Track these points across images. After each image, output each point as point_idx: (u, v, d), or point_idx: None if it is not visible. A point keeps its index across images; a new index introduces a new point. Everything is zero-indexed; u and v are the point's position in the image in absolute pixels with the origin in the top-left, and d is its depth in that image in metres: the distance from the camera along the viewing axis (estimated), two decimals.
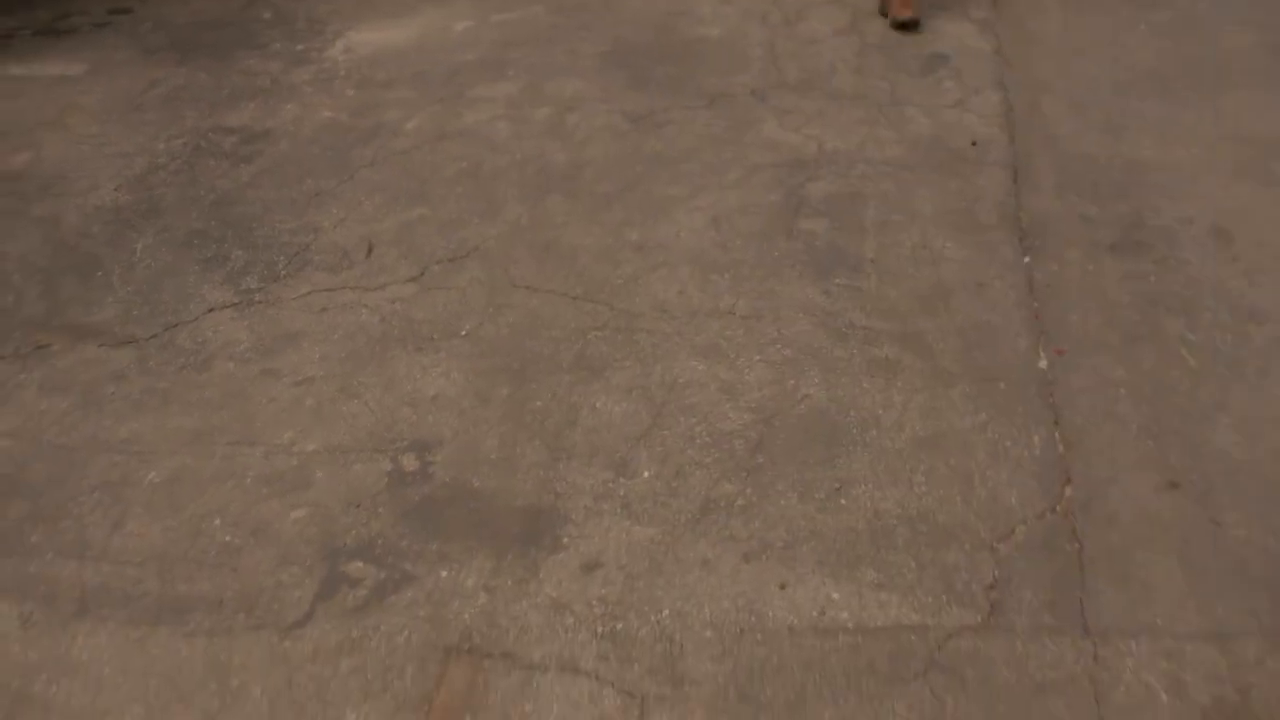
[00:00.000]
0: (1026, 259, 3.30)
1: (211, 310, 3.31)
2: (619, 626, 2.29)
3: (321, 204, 3.78)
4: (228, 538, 2.55)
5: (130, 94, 4.65)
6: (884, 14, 4.80)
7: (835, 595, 2.32)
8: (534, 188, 3.81)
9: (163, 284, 3.44)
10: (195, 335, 3.21)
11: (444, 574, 2.42)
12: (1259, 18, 4.67)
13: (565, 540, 2.49)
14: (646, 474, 2.65)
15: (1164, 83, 4.24)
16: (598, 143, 4.07)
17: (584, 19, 5.06)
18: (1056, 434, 2.68)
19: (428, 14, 5.21)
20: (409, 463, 2.72)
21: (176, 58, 4.94)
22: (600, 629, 2.29)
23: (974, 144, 3.86)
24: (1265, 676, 2.11)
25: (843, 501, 2.54)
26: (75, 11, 5.50)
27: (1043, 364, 2.90)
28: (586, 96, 4.40)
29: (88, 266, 3.55)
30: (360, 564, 2.46)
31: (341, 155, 4.08)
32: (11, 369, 3.12)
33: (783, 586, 2.35)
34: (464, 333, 3.15)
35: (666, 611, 2.31)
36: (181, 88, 4.66)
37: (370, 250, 3.54)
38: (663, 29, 4.90)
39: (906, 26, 4.64)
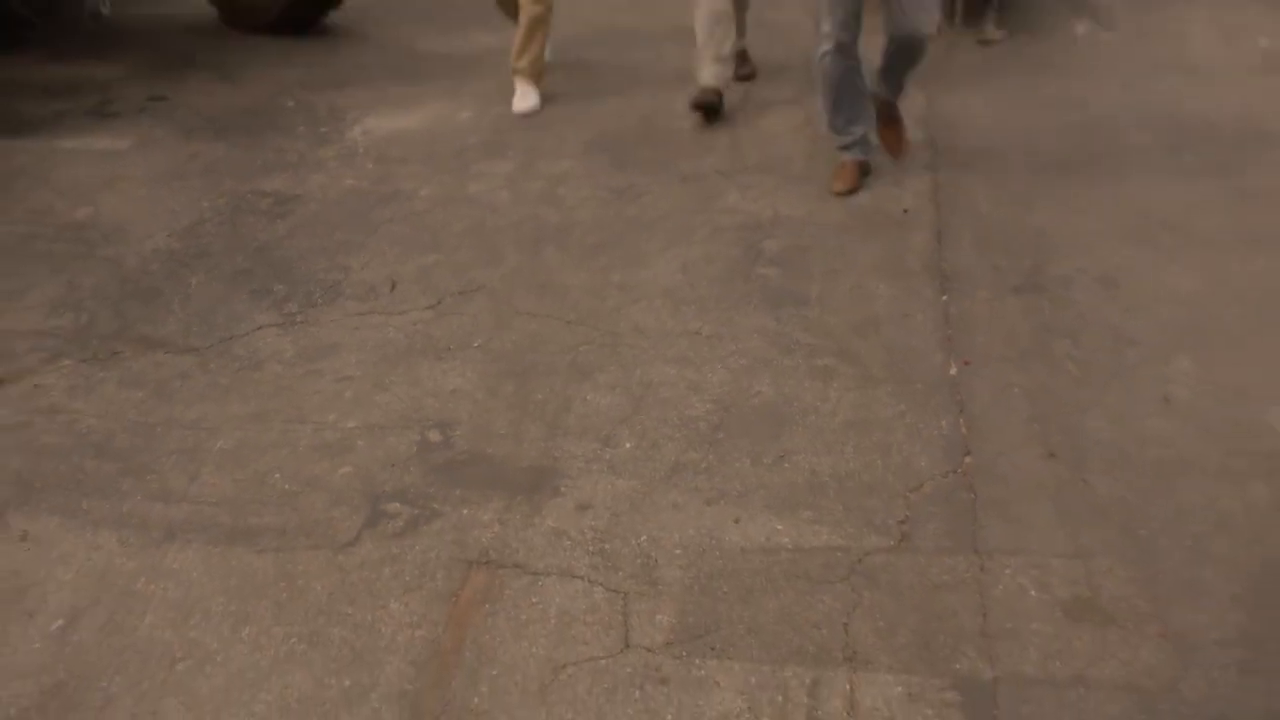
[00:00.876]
0: (944, 297, 3.96)
1: (260, 328, 3.93)
2: (606, 546, 2.88)
3: (349, 251, 4.42)
4: (287, 486, 3.13)
5: (173, 165, 5.31)
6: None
7: (779, 527, 2.92)
8: (530, 241, 4.47)
9: (216, 309, 4.05)
10: (247, 346, 3.82)
11: (465, 511, 3.01)
12: (1156, 123, 5.42)
13: (562, 489, 3.09)
14: (628, 445, 3.25)
15: (1071, 168, 4.96)
16: (584, 208, 4.74)
17: (572, 112, 5.77)
18: (960, 420, 3.31)
19: (435, 105, 5.92)
20: (434, 436, 3.32)
21: (212, 137, 5.61)
22: (591, 548, 2.87)
23: (905, 211, 4.55)
24: (1113, 580, 2.71)
25: (786, 465, 3.15)
26: (117, 98, 6.19)
27: (952, 371, 3.54)
28: (575, 173, 5.09)
29: (150, 295, 4.16)
30: (397, 505, 3.05)
31: (364, 214, 4.74)
32: (92, 369, 3.72)
33: (737, 521, 2.95)
34: (475, 345, 3.77)
35: (644, 537, 2.90)
36: (219, 160, 5.33)
37: (393, 286, 4.17)
38: (642, 121, 5.62)
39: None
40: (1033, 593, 2.69)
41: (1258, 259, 4.16)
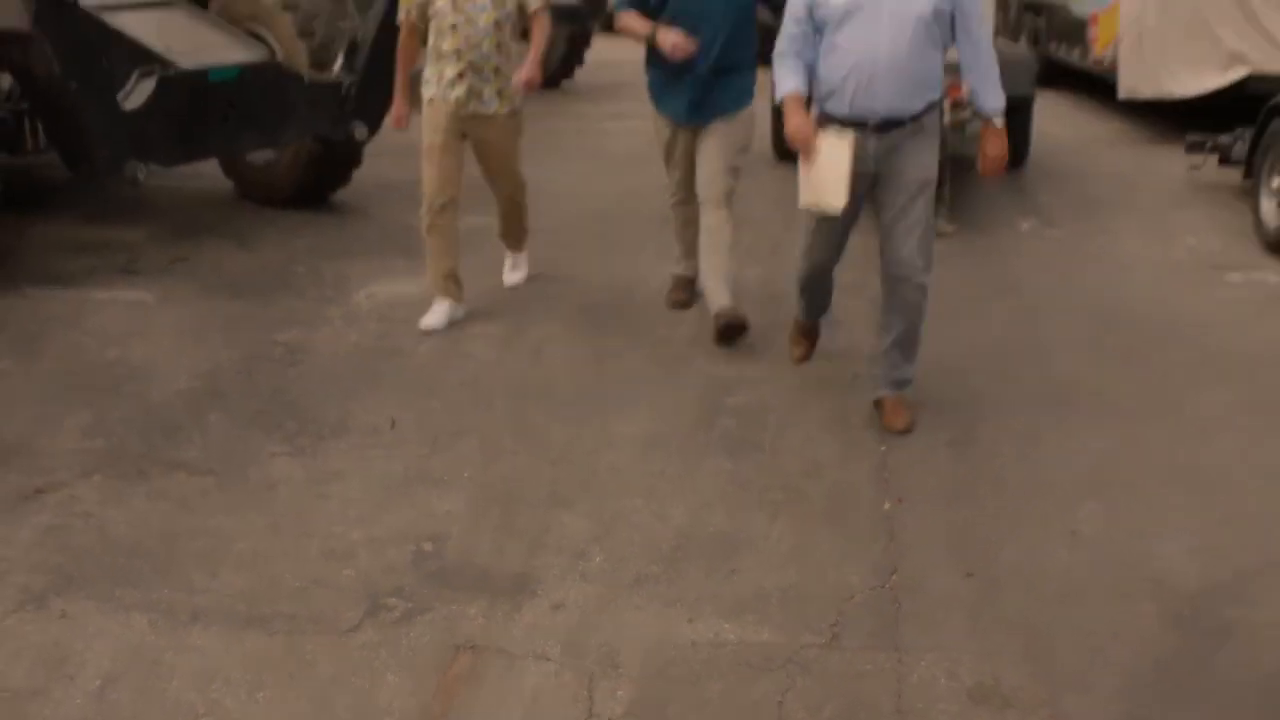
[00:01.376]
0: (883, 448, 4.47)
1: (273, 455, 4.40)
2: (576, 638, 3.30)
3: (354, 396, 4.92)
4: (296, 584, 3.56)
5: (194, 317, 5.85)
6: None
7: (726, 626, 3.36)
8: (518, 393, 4.99)
9: (233, 439, 4.53)
10: (262, 470, 4.29)
11: (453, 607, 3.44)
12: (1085, 309, 6.03)
13: (539, 592, 3.53)
14: (598, 560, 3.71)
15: (1006, 345, 5.55)
16: (567, 367, 5.28)
17: (560, 287, 6.36)
18: (890, 546, 3.78)
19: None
20: (427, 547, 3.77)
21: (230, 295, 6.17)
22: (562, 639, 3.30)
23: (855, 376, 5.09)
24: (1014, 674, 3.15)
25: (735, 579, 3.60)
26: (142, 258, 6.77)
27: (886, 507, 4.03)
28: (560, 337, 5.64)
29: (173, 427, 4.64)
30: (394, 600, 3.48)
31: (368, 366, 5.26)
32: (122, 484, 4.17)
33: (690, 621, 3.39)
34: (465, 476, 4.25)
35: (609, 632, 3.33)
36: (236, 315, 5.87)
37: (393, 424, 4.66)
38: (622, 294, 6.20)
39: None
40: (942, 681, 3.12)
41: (1163, 424, 4.70)
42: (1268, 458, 4.43)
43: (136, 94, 6.00)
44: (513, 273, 6.31)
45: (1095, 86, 11.92)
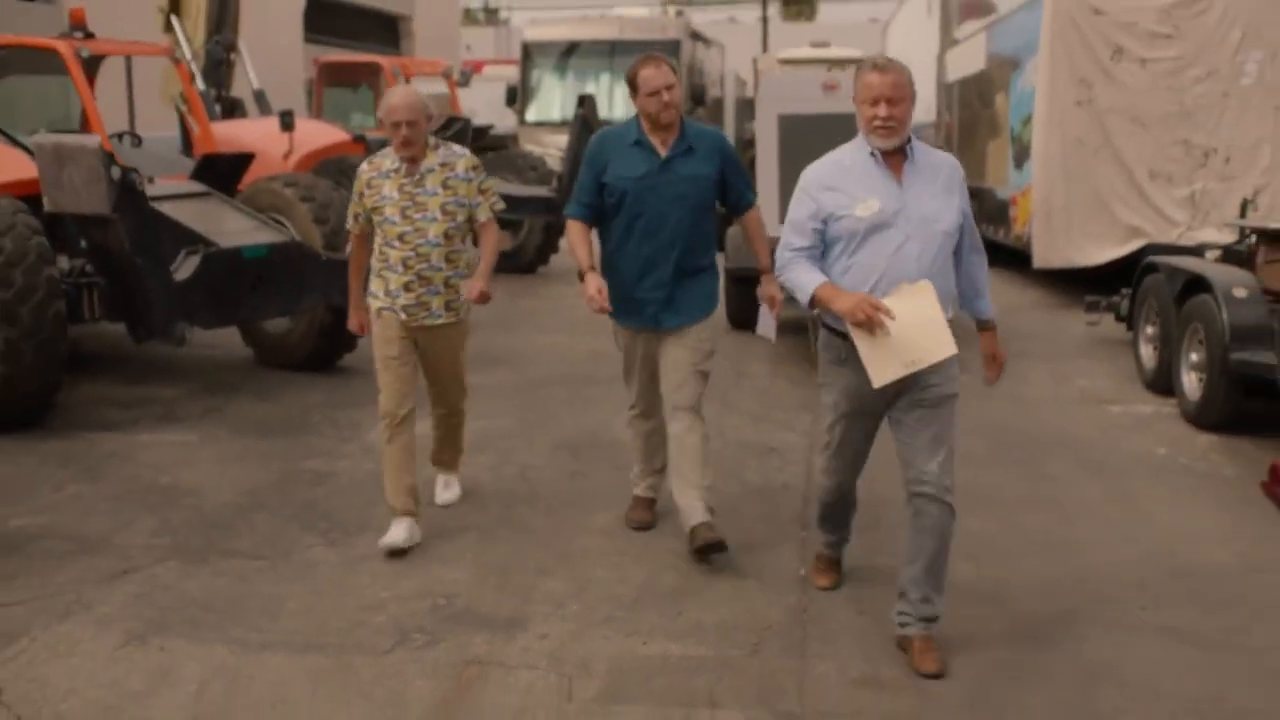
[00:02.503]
0: (803, 533, 5.54)
1: (311, 545, 5.44)
2: (557, 654, 4.33)
3: (373, 504, 5.95)
4: (341, 625, 4.58)
5: (232, 452, 6.92)
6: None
7: (672, 646, 4.40)
8: (508, 500, 6.06)
9: (277, 536, 5.57)
10: (303, 555, 5.32)
11: (464, 637, 4.46)
12: (984, 433, 7.16)
13: (529, 628, 4.56)
14: (574, 608, 4.74)
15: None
16: (549, 483, 6.36)
17: (541, 426, 7.48)
18: (804, 595, 4.83)
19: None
20: (441, 601, 4.80)
21: (260, 436, 7.25)
22: (547, 655, 4.32)
23: (784, 486, 6.18)
24: (891, 670, 4.17)
25: (681, 618, 4.64)
26: (181, 409, 7.87)
27: (801, 572, 5.09)
28: (541, 464, 6.73)
29: (225, 527, 5.68)
30: (418, 634, 4.50)
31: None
32: (190, 567, 5.19)
33: (644, 643, 4.42)
34: (468, 556, 5.29)
35: (583, 650, 4.36)
36: (267, 451, 6.94)
37: None
38: (588, 433, 7.32)
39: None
40: (834, 675, 4.15)
41: (1039, 513, 5.82)
42: (1122, 532, 5.55)
43: (185, 268, 7.18)
44: (446, 491, 6.03)
45: (1018, 259, 13.30)
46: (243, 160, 9.29)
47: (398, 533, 5.33)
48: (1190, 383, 7.56)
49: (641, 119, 5.12)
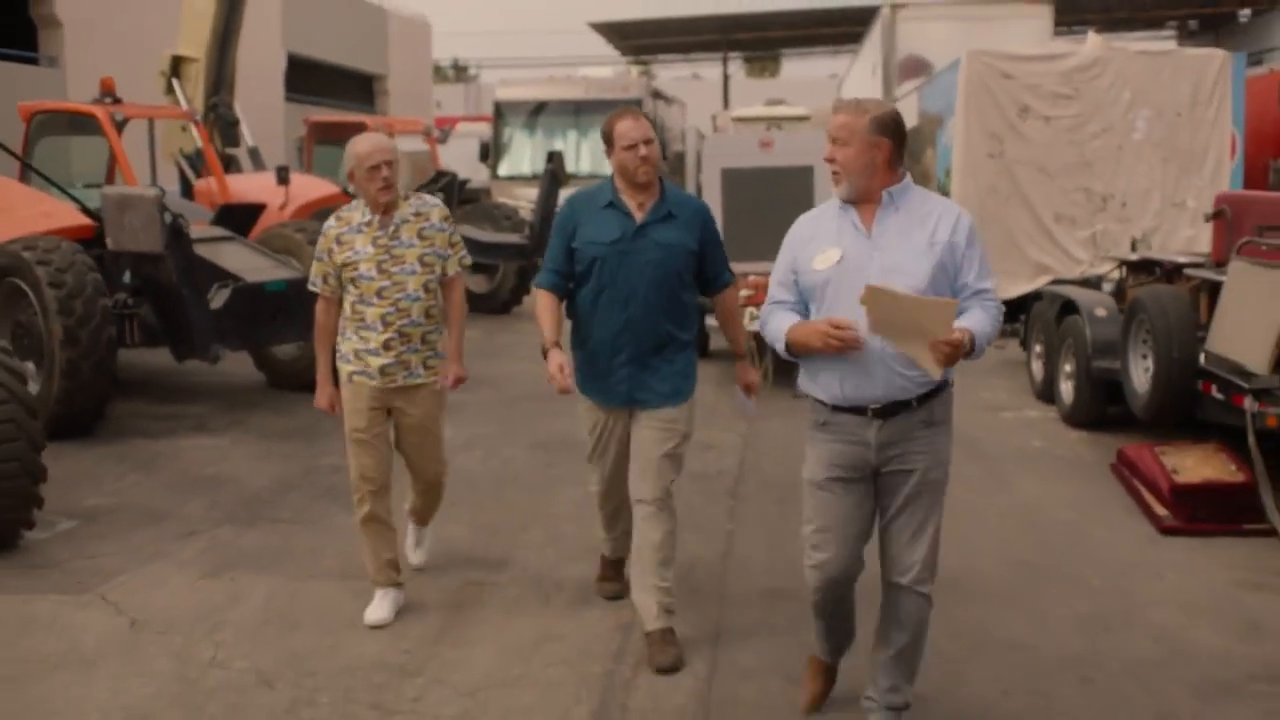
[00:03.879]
0: (731, 501, 6.90)
1: (337, 514, 6.75)
2: (538, 577, 5.66)
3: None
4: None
5: (259, 452, 8.24)
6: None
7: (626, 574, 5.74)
8: (496, 485, 7.40)
9: (308, 507, 6.89)
10: (332, 521, 6.63)
11: (465, 572, 5.78)
12: None
13: (514, 565, 5.88)
14: (549, 551, 6.08)
15: None
16: (527, 470, 7.71)
17: (519, 430, 8.83)
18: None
19: None
20: (446, 548, 6.12)
21: (281, 439, 8.57)
22: (531, 578, 5.65)
23: (719, 472, 7.55)
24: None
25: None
26: (210, 422, 9.18)
27: (729, 528, 6.44)
28: (520, 457, 8.08)
29: (266, 503, 7.00)
30: (429, 569, 5.81)
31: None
32: (242, 530, 6.50)
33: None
34: (465, 519, 6.62)
35: (557, 574, 5.69)
36: (289, 451, 8.26)
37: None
38: (560, 435, 8.66)
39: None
40: (750, 699, 5.50)
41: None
42: (990, 498, 6.94)
43: (218, 298, 8.51)
44: (418, 550, 5.84)
45: None
46: (255, 210, 10.67)
47: (381, 608, 5.19)
48: (1065, 389, 8.99)
49: (617, 178, 4.74)
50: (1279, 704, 4.42)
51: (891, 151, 3.73)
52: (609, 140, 4.72)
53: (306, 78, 31.08)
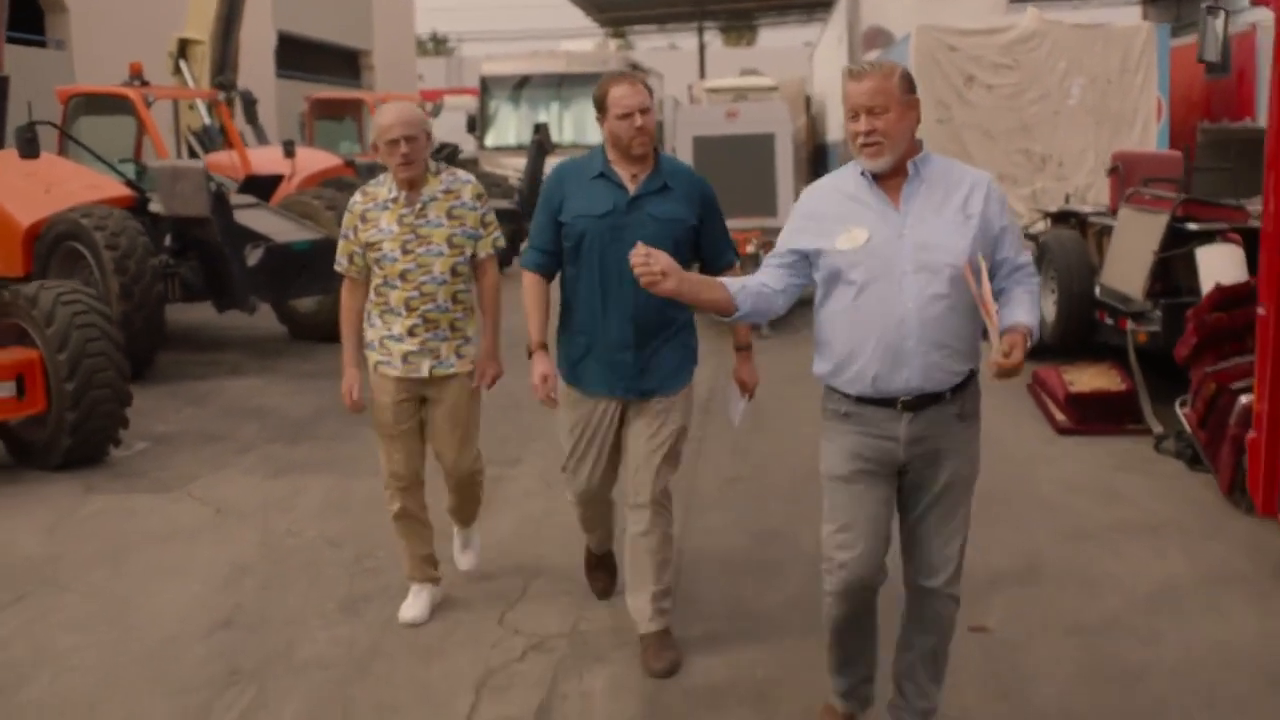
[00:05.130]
0: (702, 415, 8.17)
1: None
2: (544, 473, 6.94)
3: None
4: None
5: (292, 389, 9.49)
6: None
7: None
8: (504, 412, 8.67)
9: (343, 429, 8.12)
10: (364, 436, 7.90)
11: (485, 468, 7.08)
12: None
13: (525, 463, 7.16)
14: (552, 456, 7.36)
15: (794, 417, 9.30)
16: (528, 406, 8.98)
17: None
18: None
19: None
20: None
21: (310, 379, 9.82)
22: (538, 474, 6.93)
23: None
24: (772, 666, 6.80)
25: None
26: (243, 366, 10.43)
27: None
28: (522, 388, 9.34)
29: (306, 425, 8.24)
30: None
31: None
32: (289, 446, 7.75)
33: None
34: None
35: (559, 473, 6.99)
36: (320, 388, 9.48)
37: None
38: None
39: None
40: (716, 552, 6.78)
41: None
42: None
43: (253, 257, 9.73)
44: (464, 553, 5.44)
45: None
46: (275, 180, 11.88)
47: (417, 604, 4.93)
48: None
49: (609, 148, 4.34)
50: (1123, 544, 5.70)
51: (919, 111, 3.42)
52: (601, 106, 4.27)
53: (295, 54, 32.06)
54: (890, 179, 3.46)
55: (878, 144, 3.36)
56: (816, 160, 27.07)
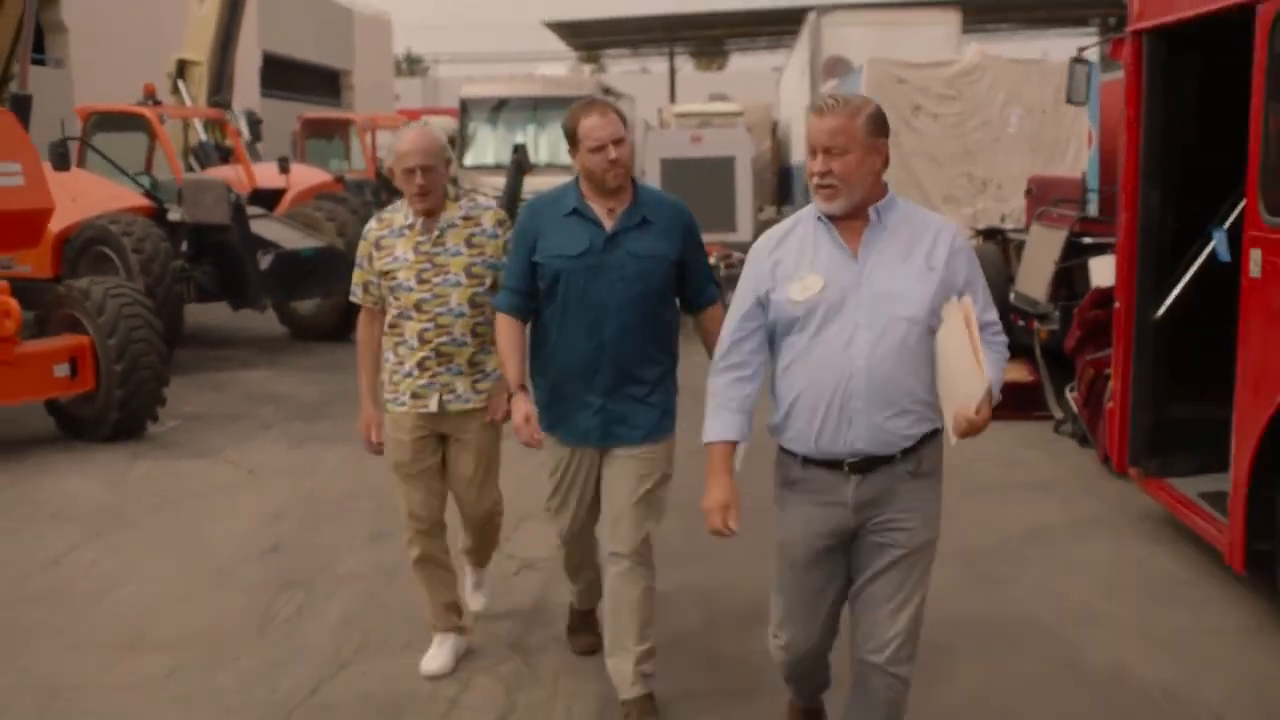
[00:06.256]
0: None
1: None
2: None
3: None
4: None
5: (302, 379, 10.58)
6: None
7: None
8: None
9: (353, 409, 9.25)
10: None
11: None
12: None
13: None
14: None
15: None
16: None
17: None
18: None
19: None
20: None
21: (318, 371, 10.90)
22: None
23: None
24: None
25: None
26: (254, 360, 11.51)
27: None
28: None
29: (319, 407, 9.34)
30: None
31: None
32: (305, 424, 8.86)
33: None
34: None
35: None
36: (325, 379, 10.58)
37: None
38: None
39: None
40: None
41: None
42: None
43: (264, 261, 10.85)
44: (477, 593, 5.18)
45: None
46: (278, 193, 13.01)
47: (440, 655, 4.66)
48: None
49: (582, 181, 4.08)
50: (1011, 497, 6.88)
51: (887, 154, 3.24)
52: (572, 139, 4.02)
53: (279, 74, 33.14)
54: (850, 224, 3.24)
55: (832, 186, 3.16)
56: (782, 182, 28.37)
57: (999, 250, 10.27)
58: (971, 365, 3.08)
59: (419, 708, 4.41)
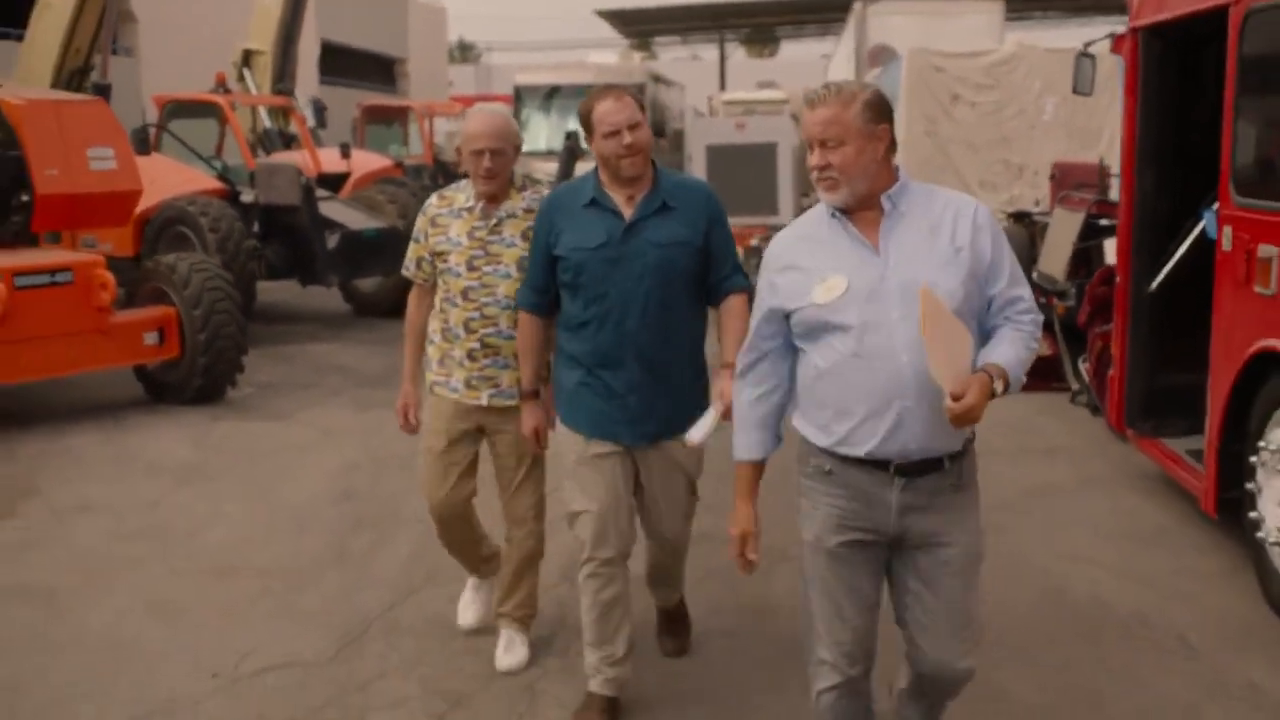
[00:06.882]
0: None
1: None
2: None
3: None
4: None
5: (364, 352, 11.28)
6: None
7: None
8: None
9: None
10: None
11: None
12: None
13: None
14: None
15: None
16: None
17: None
18: None
19: None
20: None
21: (378, 345, 11.61)
22: None
23: None
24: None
25: None
26: (318, 333, 12.23)
27: None
28: None
29: (383, 377, 10.04)
30: None
31: None
32: (364, 390, 9.55)
33: None
34: None
35: None
36: (388, 352, 11.26)
37: None
38: None
39: None
40: None
41: None
42: None
43: (331, 240, 11.56)
44: (509, 653, 4.55)
45: None
46: (343, 177, 13.73)
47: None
48: None
49: (600, 170, 3.95)
50: (1023, 459, 7.43)
51: (892, 139, 3.05)
52: (587, 125, 3.88)
53: (336, 62, 34.00)
54: (865, 215, 3.06)
55: (832, 180, 3.01)
56: None
57: (1025, 232, 10.78)
58: (936, 362, 2.89)
59: (480, 629, 5.03)
